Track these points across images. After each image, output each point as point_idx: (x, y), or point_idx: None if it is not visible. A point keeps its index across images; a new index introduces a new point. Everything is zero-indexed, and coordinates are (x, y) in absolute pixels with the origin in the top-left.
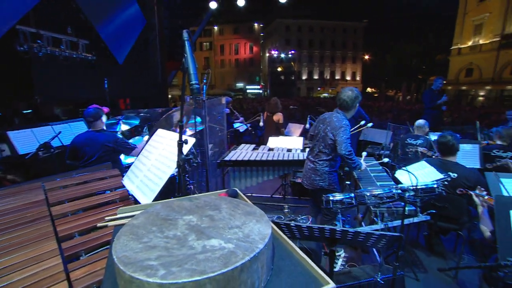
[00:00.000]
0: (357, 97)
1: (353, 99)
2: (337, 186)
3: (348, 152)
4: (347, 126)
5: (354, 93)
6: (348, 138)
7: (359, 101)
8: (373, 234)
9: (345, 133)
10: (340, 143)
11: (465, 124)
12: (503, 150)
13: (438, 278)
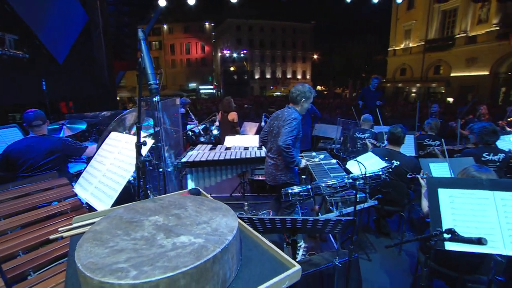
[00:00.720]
0: (306, 92)
1: (301, 92)
2: (297, 179)
3: (285, 145)
4: (294, 120)
5: (305, 87)
6: (291, 132)
7: (309, 97)
8: (330, 220)
9: (290, 126)
10: (282, 134)
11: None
12: (433, 139)
13: (386, 255)
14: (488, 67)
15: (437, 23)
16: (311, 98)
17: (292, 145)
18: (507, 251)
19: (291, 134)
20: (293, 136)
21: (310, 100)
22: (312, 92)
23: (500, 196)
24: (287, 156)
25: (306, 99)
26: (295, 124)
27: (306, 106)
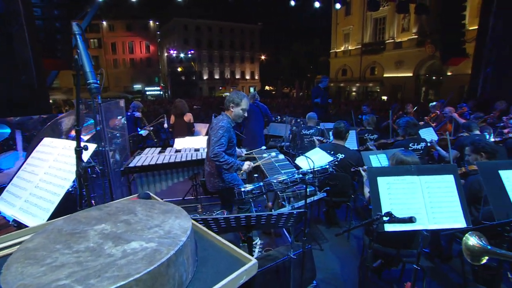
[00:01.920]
0: (234, 98)
1: (229, 98)
2: (238, 181)
3: (213, 154)
4: (221, 129)
5: (237, 94)
6: (218, 141)
7: (238, 103)
8: (282, 214)
9: (216, 136)
10: (210, 145)
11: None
12: (371, 134)
13: (337, 243)
14: (412, 70)
15: (370, 29)
16: (242, 104)
17: (220, 154)
18: (430, 225)
19: (218, 143)
20: (221, 145)
21: (241, 106)
22: (243, 98)
23: (425, 179)
24: (220, 164)
25: (235, 105)
26: (222, 132)
27: (238, 112)
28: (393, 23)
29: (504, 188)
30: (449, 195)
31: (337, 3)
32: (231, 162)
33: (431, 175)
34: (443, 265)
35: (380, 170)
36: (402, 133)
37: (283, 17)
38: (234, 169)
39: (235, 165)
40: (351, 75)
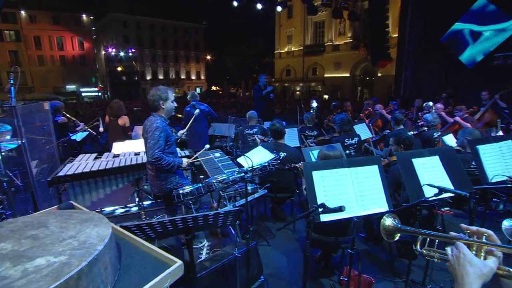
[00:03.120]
0: (160, 94)
1: (155, 95)
2: (185, 181)
3: (154, 159)
4: (157, 130)
5: (158, 89)
6: (156, 143)
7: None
8: (219, 213)
9: (153, 138)
10: (148, 149)
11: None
12: (311, 130)
13: (283, 237)
14: (348, 70)
15: (311, 31)
16: (170, 96)
17: (161, 156)
18: (360, 212)
19: (157, 146)
20: (160, 147)
21: (169, 99)
22: (168, 91)
23: (354, 171)
24: (162, 166)
25: (164, 101)
26: (158, 133)
27: (169, 106)
28: (331, 27)
29: (415, 174)
30: (374, 184)
31: (279, 6)
32: (171, 162)
33: (360, 166)
34: (375, 246)
35: (314, 165)
36: (338, 130)
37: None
38: (175, 168)
39: (175, 163)
40: (295, 75)
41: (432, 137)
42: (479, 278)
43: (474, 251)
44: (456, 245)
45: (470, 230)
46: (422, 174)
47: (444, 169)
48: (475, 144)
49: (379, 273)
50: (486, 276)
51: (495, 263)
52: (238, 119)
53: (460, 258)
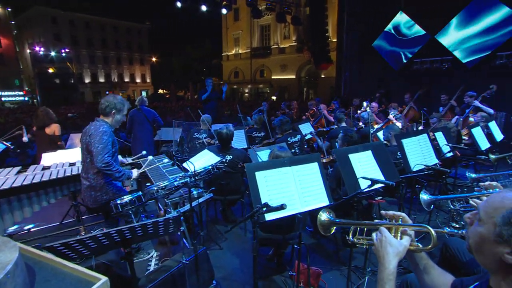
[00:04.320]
0: (116, 103)
1: (110, 103)
2: (124, 192)
3: (104, 164)
4: (104, 135)
5: (116, 98)
6: (105, 148)
7: (120, 108)
8: (158, 221)
9: (102, 143)
10: (96, 154)
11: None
12: (259, 132)
13: (234, 240)
14: (294, 72)
15: (257, 34)
16: (124, 110)
17: (111, 162)
18: (303, 208)
19: (106, 150)
20: (109, 152)
21: (123, 112)
22: (124, 104)
23: (296, 169)
24: (112, 173)
25: (117, 111)
26: (107, 138)
27: (119, 118)
28: (276, 31)
29: (352, 168)
30: (315, 180)
31: (223, 9)
32: (121, 170)
33: (301, 164)
34: (323, 239)
35: (257, 165)
36: (279, 131)
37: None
38: (125, 177)
39: (126, 173)
40: (243, 77)
41: (368, 133)
42: (396, 256)
43: (393, 233)
44: (379, 230)
45: (388, 215)
46: (357, 168)
47: (376, 162)
48: (400, 138)
49: (326, 264)
50: (402, 253)
51: (408, 241)
52: (183, 122)
53: (382, 241)
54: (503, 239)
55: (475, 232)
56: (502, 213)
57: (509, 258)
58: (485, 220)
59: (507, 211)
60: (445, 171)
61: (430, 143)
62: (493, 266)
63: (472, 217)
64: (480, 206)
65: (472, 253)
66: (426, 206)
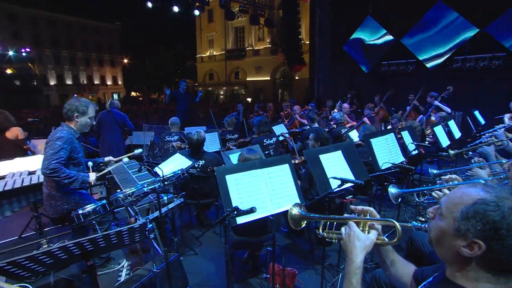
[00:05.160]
0: (79, 106)
1: (71, 107)
2: (90, 200)
3: (49, 170)
4: (59, 140)
5: (79, 101)
6: (55, 154)
7: (84, 111)
8: (121, 231)
9: (53, 148)
10: (43, 160)
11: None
12: (232, 134)
13: (210, 244)
14: (269, 74)
15: (232, 36)
16: (89, 112)
17: (58, 168)
18: (275, 210)
19: (55, 156)
20: (59, 158)
21: (88, 114)
22: (89, 106)
23: (267, 171)
24: (60, 179)
25: (81, 114)
26: (60, 144)
27: (85, 121)
28: (251, 33)
29: (323, 169)
30: (286, 182)
31: (196, 10)
32: (73, 175)
33: (272, 166)
34: (298, 239)
35: (227, 169)
36: (256, 131)
37: (144, 18)
38: (79, 182)
39: (79, 177)
40: (218, 79)
41: (340, 133)
42: (364, 250)
43: (361, 227)
44: (348, 224)
45: (357, 209)
46: (328, 168)
47: (346, 162)
48: (368, 138)
49: (302, 264)
50: (369, 247)
51: (375, 235)
52: (155, 126)
53: (351, 235)
54: (460, 233)
55: (436, 226)
56: (461, 208)
57: (465, 251)
58: (446, 215)
59: (465, 206)
60: (411, 169)
61: (397, 142)
62: (451, 258)
63: (434, 212)
64: (442, 201)
65: (432, 245)
66: (394, 200)
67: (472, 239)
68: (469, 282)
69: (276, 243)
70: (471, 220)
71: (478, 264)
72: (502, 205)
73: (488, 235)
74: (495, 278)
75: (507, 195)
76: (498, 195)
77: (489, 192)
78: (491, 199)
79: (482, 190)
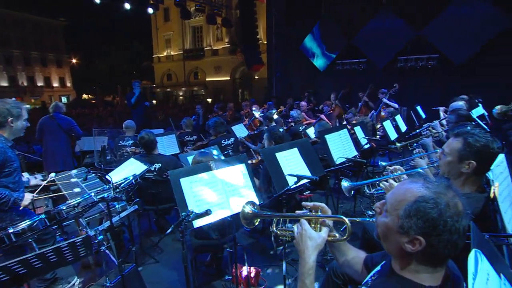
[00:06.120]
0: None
1: (5, 114)
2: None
3: None
4: None
5: (9, 104)
6: None
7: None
8: (61, 247)
9: None
10: None
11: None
12: (190, 135)
13: (172, 250)
14: (229, 74)
15: (190, 36)
16: (23, 114)
17: None
18: (232, 211)
19: None
20: None
21: (23, 116)
22: (21, 107)
23: (223, 171)
24: None
25: (16, 118)
26: None
27: (20, 124)
28: (209, 32)
29: (279, 166)
30: (243, 181)
31: (150, 8)
32: (4, 196)
33: (227, 167)
34: (261, 237)
35: (181, 172)
36: (213, 133)
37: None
38: (8, 204)
39: (11, 200)
40: (176, 79)
41: (298, 130)
42: (316, 249)
43: (313, 224)
44: (300, 222)
45: (308, 206)
46: (285, 165)
47: (302, 158)
48: (323, 134)
49: (265, 261)
50: (321, 245)
51: (327, 232)
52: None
53: (303, 235)
54: (404, 230)
55: (383, 223)
56: (404, 206)
57: (408, 247)
58: (391, 211)
59: (407, 204)
60: (363, 162)
61: (350, 137)
62: (396, 253)
63: (380, 207)
64: (387, 198)
65: (380, 240)
66: (347, 192)
67: (414, 236)
68: (411, 274)
69: (239, 243)
70: (413, 218)
71: (418, 258)
72: (439, 202)
73: (427, 231)
74: (432, 268)
75: (444, 190)
76: (436, 191)
77: (428, 189)
78: (430, 196)
79: (423, 186)
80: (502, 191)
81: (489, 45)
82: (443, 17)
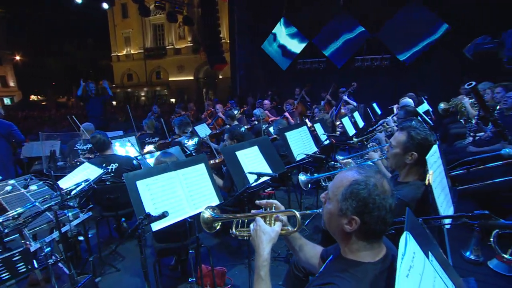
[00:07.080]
0: None
1: None
2: None
3: None
4: None
5: None
6: None
7: None
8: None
9: None
10: None
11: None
12: (152, 137)
13: (134, 256)
14: (192, 73)
15: (151, 34)
16: None
17: None
18: (193, 212)
19: None
20: None
21: None
22: None
23: (181, 172)
24: None
25: None
26: None
27: None
28: (171, 31)
29: (240, 165)
30: (203, 181)
31: (104, 3)
32: None
33: (186, 167)
34: (226, 237)
35: (137, 174)
36: (178, 132)
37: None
38: None
39: None
40: (138, 79)
41: (261, 129)
42: (270, 242)
43: (268, 221)
44: (255, 220)
45: (262, 204)
46: (245, 164)
47: (263, 156)
48: (283, 132)
49: (231, 260)
50: (274, 239)
51: (280, 226)
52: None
53: (257, 230)
54: (342, 213)
55: (326, 210)
56: (342, 191)
57: (347, 227)
58: (332, 198)
59: (344, 188)
60: (321, 157)
61: (310, 134)
62: (339, 236)
63: (325, 197)
64: (329, 187)
65: (326, 227)
66: (304, 186)
67: (350, 216)
68: (353, 254)
69: (203, 244)
70: (348, 200)
71: (357, 237)
72: (368, 183)
73: (360, 210)
74: (370, 245)
75: (373, 173)
76: (366, 175)
77: (360, 174)
78: (361, 179)
79: (356, 172)
80: (435, 178)
81: (435, 46)
82: (394, 21)
